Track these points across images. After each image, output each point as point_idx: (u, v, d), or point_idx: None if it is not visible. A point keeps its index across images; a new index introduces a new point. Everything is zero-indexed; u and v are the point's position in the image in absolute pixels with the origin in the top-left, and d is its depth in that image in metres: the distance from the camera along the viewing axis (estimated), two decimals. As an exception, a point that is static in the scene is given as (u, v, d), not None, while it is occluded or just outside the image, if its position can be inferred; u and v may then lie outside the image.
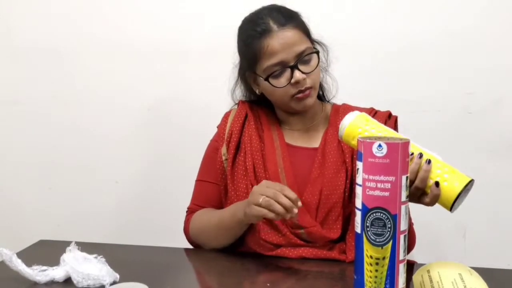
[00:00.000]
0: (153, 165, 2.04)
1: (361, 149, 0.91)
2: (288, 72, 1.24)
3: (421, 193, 1.04)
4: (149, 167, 2.05)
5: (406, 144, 0.90)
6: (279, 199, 1.08)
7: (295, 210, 1.09)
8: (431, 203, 1.04)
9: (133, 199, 2.06)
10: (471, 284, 0.95)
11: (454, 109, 1.83)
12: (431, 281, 0.99)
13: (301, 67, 1.24)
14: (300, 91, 1.26)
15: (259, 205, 1.10)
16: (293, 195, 1.10)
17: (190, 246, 1.38)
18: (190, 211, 1.39)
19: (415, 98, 1.83)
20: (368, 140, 0.90)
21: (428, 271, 1.02)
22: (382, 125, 1.11)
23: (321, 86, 1.41)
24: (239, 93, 1.43)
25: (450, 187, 1.01)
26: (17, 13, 2.06)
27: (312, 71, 1.25)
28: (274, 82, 1.26)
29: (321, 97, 1.43)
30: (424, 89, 1.83)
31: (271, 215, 1.10)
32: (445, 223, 1.85)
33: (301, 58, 1.24)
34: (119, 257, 1.19)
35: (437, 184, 1.01)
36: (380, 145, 0.89)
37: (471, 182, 1.03)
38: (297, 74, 1.23)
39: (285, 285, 1.10)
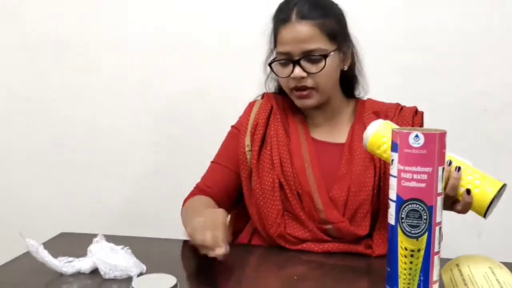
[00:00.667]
0: (167, 160, 2.04)
1: (396, 140, 0.91)
2: (291, 65, 1.24)
3: (452, 200, 1.02)
4: (163, 162, 2.04)
5: (443, 134, 0.90)
6: (209, 254, 1.05)
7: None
8: (463, 211, 1.02)
9: (148, 194, 2.06)
10: (503, 277, 0.95)
11: (469, 107, 1.83)
12: (461, 274, 0.98)
13: (305, 65, 1.23)
14: (298, 89, 1.25)
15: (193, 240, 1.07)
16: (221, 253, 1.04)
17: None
18: (197, 189, 1.37)
19: (431, 97, 1.83)
20: (404, 131, 0.89)
21: (457, 265, 1.01)
22: None
23: (351, 83, 1.39)
24: (271, 83, 1.42)
25: (483, 193, 1.00)
26: (29, 9, 2.05)
27: (317, 72, 1.23)
28: (278, 70, 1.28)
29: (347, 93, 1.40)
30: (439, 87, 1.84)
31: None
32: (460, 222, 1.83)
33: (307, 56, 1.23)
34: (145, 249, 1.18)
35: (468, 191, 1.00)
36: (417, 136, 0.88)
37: (503, 186, 1.01)
38: (296, 70, 1.23)
39: (312, 278, 1.09)
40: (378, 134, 1.08)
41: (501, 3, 1.80)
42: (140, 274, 1.04)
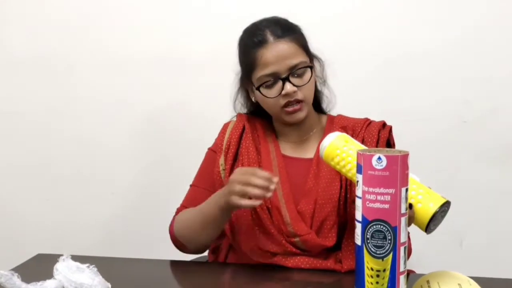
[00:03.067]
0: (150, 176, 2.04)
1: (360, 161, 0.92)
2: (279, 84, 1.26)
3: None
4: (145, 178, 2.05)
5: (405, 156, 0.91)
6: (253, 181, 1.11)
7: (272, 187, 1.11)
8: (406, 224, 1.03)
9: (129, 211, 2.06)
10: (471, 294, 0.96)
11: (449, 118, 1.85)
12: (430, 291, 0.99)
13: (293, 79, 1.26)
14: (290, 104, 1.28)
15: (237, 194, 1.13)
16: (266, 174, 1.12)
17: (188, 258, 1.38)
18: (178, 212, 1.39)
19: (411, 107, 1.84)
20: (367, 153, 0.91)
21: (428, 282, 1.02)
22: (361, 145, 1.13)
23: (318, 98, 1.42)
24: (239, 104, 1.45)
25: (424, 208, 1.00)
26: (15, 24, 2.05)
27: (304, 84, 1.27)
28: (266, 92, 1.29)
29: (318, 109, 1.44)
30: (419, 98, 1.85)
31: (248, 202, 1.13)
32: (442, 232, 1.84)
33: (294, 71, 1.26)
34: (116, 270, 1.19)
35: (410, 205, 1.00)
36: (379, 158, 0.89)
37: (447, 203, 1.02)
38: (288, 87, 1.25)
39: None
40: (333, 145, 1.11)
41: (479, 14, 1.82)
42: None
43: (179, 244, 1.35)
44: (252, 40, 1.29)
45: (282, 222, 1.25)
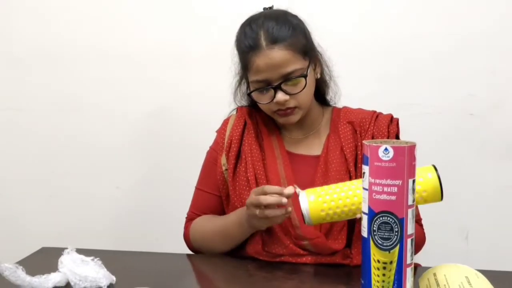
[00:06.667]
0: (154, 171, 2.04)
1: (367, 153, 0.91)
2: (271, 91, 1.22)
3: None
4: (149, 173, 2.04)
5: (412, 147, 0.89)
6: (265, 201, 1.10)
7: (284, 201, 1.09)
8: None
9: (134, 205, 2.06)
10: (479, 286, 0.95)
11: (455, 111, 1.84)
12: (437, 284, 0.98)
13: (286, 87, 1.21)
14: (281, 109, 1.24)
15: (258, 218, 1.13)
16: (275, 189, 1.11)
17: (191, 252, 1.38)
18: (189, 218, 1.37)
19: (417, 101, 1.83)
20: (374, 144, 0.90)
21: (434, 274, 1.01)
22: (332, 186, 1.12)
23: (323, 91, 1.38)
24: (239, 95, 1.41)
25: (427, 180, 1.08)
26: (18, 21, 2.05)
27: (299, 92, 1.22)
28: (258, 98, 1.26)
29: (322, 101, 1.40)
30: (425, 91, 1.84)
31: (271, 223, 1.15)
32: (447, 226, 1.85)
33: (287, 80, 1.21)
34: (120, 263, 1.19)
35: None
36: (386, 149, 0.88)
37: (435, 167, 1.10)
38: (279, 95, 1.21)
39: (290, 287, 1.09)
40: (314, 208, 1.08)
41: (486, 6, 1.80)
42: (110, 285, 1.05)
43: (196, 251, 1.35)
44: (246, 42, 1.23)
45: (290, 225, 1.22)
